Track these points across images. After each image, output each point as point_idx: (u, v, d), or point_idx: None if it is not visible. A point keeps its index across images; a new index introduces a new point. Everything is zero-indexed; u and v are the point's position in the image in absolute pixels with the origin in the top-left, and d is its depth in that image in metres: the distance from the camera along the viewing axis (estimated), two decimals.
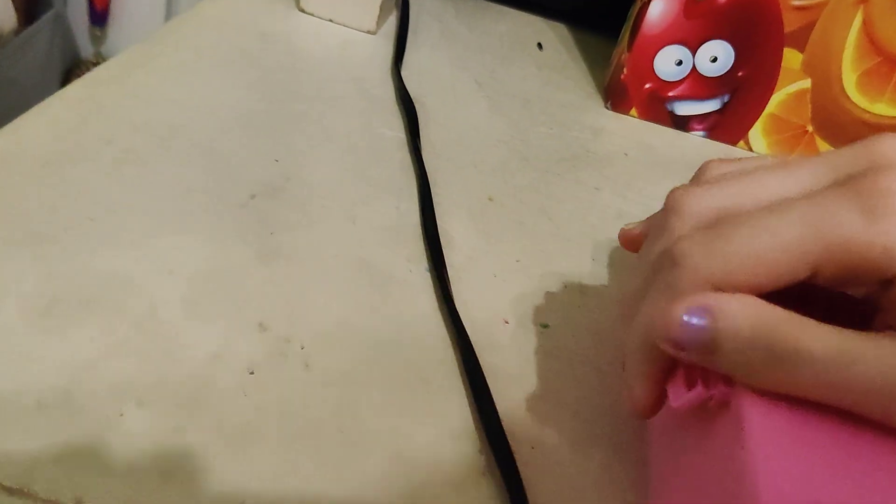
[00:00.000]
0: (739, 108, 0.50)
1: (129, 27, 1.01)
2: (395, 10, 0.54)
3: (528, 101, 0.50)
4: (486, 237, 0.36)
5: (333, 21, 0.50)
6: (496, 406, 0.27)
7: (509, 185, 0.41)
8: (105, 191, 0.32)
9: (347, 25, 0.50)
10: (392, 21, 0.53)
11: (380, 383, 0.28)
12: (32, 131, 0.34)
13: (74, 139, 0.34)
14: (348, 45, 0.49)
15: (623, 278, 0.36)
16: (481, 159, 0.42)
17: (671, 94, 0.50)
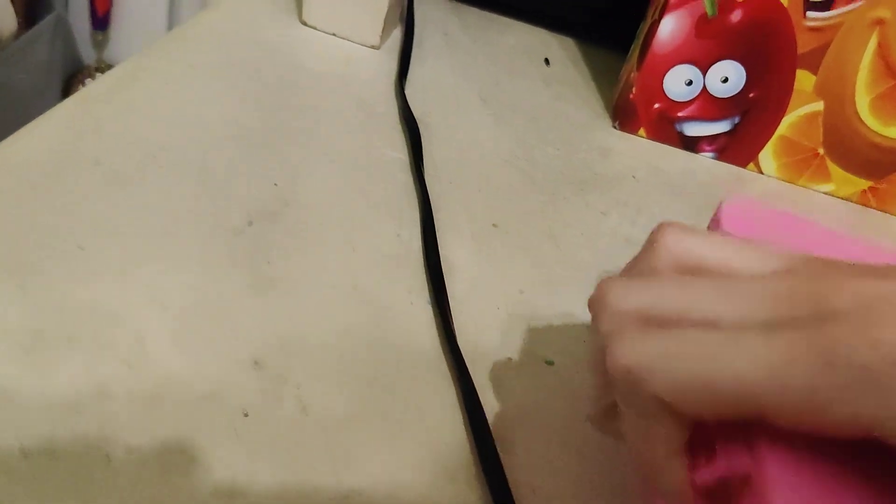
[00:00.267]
0: (750, 129, 0.49)
1: (131, 31, 1.00)
2: (400, 24, 0.53)
3: (534, 118, 0.48)
4: (491, 265, 0.35)
5: (337, 35, 0.49)
6: (496, 447, 0.26)
7: (515, 209, 0.39)
8: (94, 216, 0.31)
9: (351, 40, 0.49)
10: (396, 35, 0.52)
11: (378, 425, 0.27)
12: (21, 153, 0.33)
13: (64, 160, 0.33)
14: (351, 61, 0.47)
15: None
16: (486, 181, 0.41)
17: (680, 115, 0.49)
